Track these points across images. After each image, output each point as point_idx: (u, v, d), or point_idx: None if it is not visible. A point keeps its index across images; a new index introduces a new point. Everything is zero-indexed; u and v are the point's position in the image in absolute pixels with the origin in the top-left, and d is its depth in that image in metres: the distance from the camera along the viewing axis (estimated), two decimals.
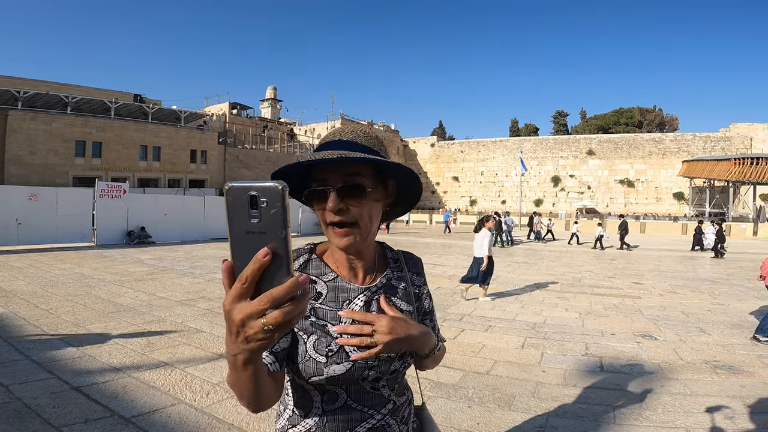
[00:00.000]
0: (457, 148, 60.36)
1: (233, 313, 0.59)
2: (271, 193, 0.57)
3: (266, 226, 0.57)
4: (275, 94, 62.08)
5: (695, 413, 3.50)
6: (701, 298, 8.35)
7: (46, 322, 5.63)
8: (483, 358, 4.77)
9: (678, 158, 47.75)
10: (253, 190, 0.57)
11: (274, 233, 0.57)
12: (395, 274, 1.08)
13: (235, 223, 0.58)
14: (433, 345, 1.02)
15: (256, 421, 3.22)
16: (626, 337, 5.68)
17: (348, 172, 0.93)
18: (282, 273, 0.58)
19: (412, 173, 1.02)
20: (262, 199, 0.57)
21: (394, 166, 0.98)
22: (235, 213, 0.57)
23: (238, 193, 0.57)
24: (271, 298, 0.56)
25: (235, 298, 0.58)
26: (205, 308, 6.65)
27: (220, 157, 40.21)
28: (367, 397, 0.97)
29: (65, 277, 8.99)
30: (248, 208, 0.57)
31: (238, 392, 0.77)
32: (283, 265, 0.58)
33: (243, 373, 0.69)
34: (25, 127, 28.66)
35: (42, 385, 3.70)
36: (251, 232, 0.57)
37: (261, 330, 0.58)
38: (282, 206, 0.57)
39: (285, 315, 0.57)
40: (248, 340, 0.60)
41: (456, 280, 9.86)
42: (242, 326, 0.59)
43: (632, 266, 13.40)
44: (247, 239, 0.58)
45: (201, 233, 18.45)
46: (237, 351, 0.64)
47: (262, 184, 0.57)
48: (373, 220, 0.98)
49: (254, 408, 0.81)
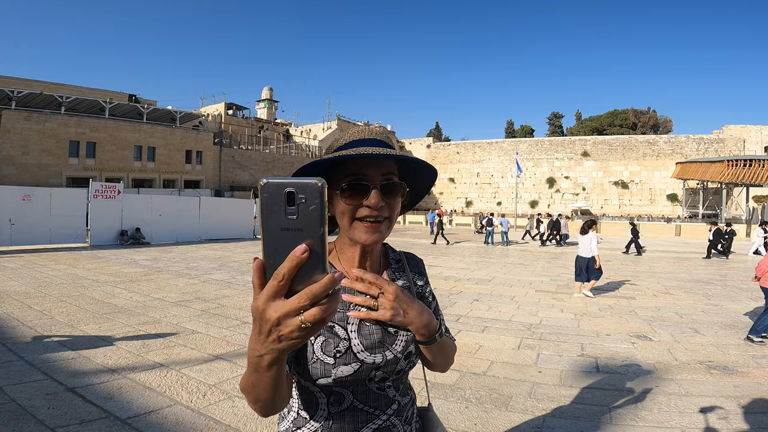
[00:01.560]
0: (453, 150, 60.48)
1: (268, 311, 0.58)
2: (310, 189, 0.56)
3: (304, 222, 0.57)
4: (271, 95, 61.97)
5: (690, 413, 3.52)
6: (695, 299, 8.40)
7: (40, 323, 5.59)
8: (480, 359, 4.78)
9: (672, 160, 48.06)
10: (290, 187, 0.56)
11: (312, 230, 0.57)
12: (398, 274, 1.09)
13: (270, 219, 0.57)
14: (434, 327, 0.97)
15: (252, 422, 3.21)
16: (621, 337, 5.71)
17: (387, 170, 0.95)
18: (318, 270, 0.57)
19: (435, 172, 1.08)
20: (300, 195, 0.56)
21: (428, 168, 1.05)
22: (271, 209, 0.57)
23: (275, 190, 0.57)
24: (311, 295, 0.56)
25: (269, 296, 0.57)
26: (200, 309, 6.63)
27: (216, 158, 40.10)
28: (373, 398, 0.97)
29: (59, 277, 8.93)
30: (285, 204, 0.56)
31: (254, 395, 0.76)
32: (320, 263, 0.57)
33: (266, 375, 0.69)
34: (19, 127, 28.48)
35: (36, 386, 3.67)
36: (287, 229, 0.57)
37: (298, 328, 0.58)
38: (321, 203, 0.56)
39: (323, 312, 0.57)
40: (281, 339, 0.60)
41: (452, 281, 9.89)
42: (277, 325, 0.58)
43: (627, 267, 13.47)
44: (282, 236, 0.57)
45: (196, 234, 18.37)
46: (265, 351, 0.63)
47: (300, 180, 0.57)
48: (396, 218, 1.00)
49: (267, 412, 0.81)
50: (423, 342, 0.96)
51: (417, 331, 0.94)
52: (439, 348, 1.01)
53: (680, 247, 20.78)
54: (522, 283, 9.94)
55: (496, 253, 17.28)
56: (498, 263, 13.77)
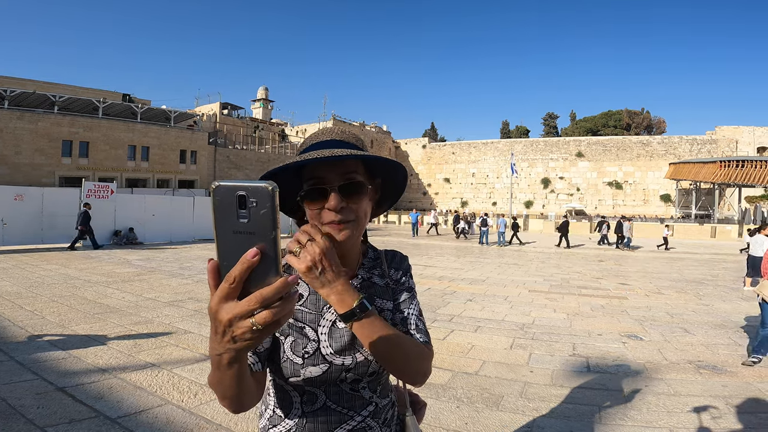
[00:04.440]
0: (449, 150, 60.60)
1: (220, 313, 0.58)
2: (260, 193, 0.56)
3: (255, 226, 0.56)
4: (267, 95, 61.86)
5: (678, 413, 3.55)
6: (686, 299, 8.47)
7: (31, 323, 5.56)
8: (472, 359, 4.80)
9: (665, 160, 48.38)
10: (241, 190, 0.56)
11: (264, 234, 0.57)
12: (376, 271, 1.08)
13: (223, 222, 0.57)
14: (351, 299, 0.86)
15: (244, 421, 3.21)
16: (612, 337, 5.74)
17: (346, 170, 0.93)
18: (271, 273, 0.57)
19: (404, 171, 1.04)
20: (251, 199, 0.56)
21: (387, 163, 0.99)
22: (223, 213, 0.56)
23: (226, 193, 0.56)
24: (261, 298, 0.56)
25: (222, 298, 0.57)
26: (193, 309, 6.61)
27: (210, 158, 39.96)
28: (347, 399, 0.97)
29: (51, 277, 8.88)
30: (237, 208, 0.56)
31: (221, 392, 0.76)
32: (273, 266, 0.57)
33: (227, 373, 0.69)
34: (11, 127, 28.27)
35: (26, 385, 3.65)
36: (239, 232, 0.57)
37: (249, 330, 0.58)
38: (272, 207, 0.56)
39: (274, 315, 0.57)
40: (235, 340, 0.60)
41: (446, 281, 9.91)
42: (229, 326, 0.58)
43: (619, 267, 13.55)
44: (234, 239, 0.57)
45: (190, 234, 18.31)
46: (222, 350, 0.63)
47: (251, 184, 0.56)
48: (366, 218, 0.98)
49: (235, 408, 0.81)
50: (340, 316, 0.87)
51: (331, 297, 0.85)
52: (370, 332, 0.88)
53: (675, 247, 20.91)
54: (515, 283, 9.98)
55: (491, 253, 17.33)
56: (492, 263, 13.81)
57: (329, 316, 0.97)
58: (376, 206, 1.10)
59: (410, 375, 0.99)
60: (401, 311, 1.05)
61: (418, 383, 1.01)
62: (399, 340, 0.93)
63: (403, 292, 1.07)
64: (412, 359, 0.96)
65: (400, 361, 0.94)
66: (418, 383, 1.01)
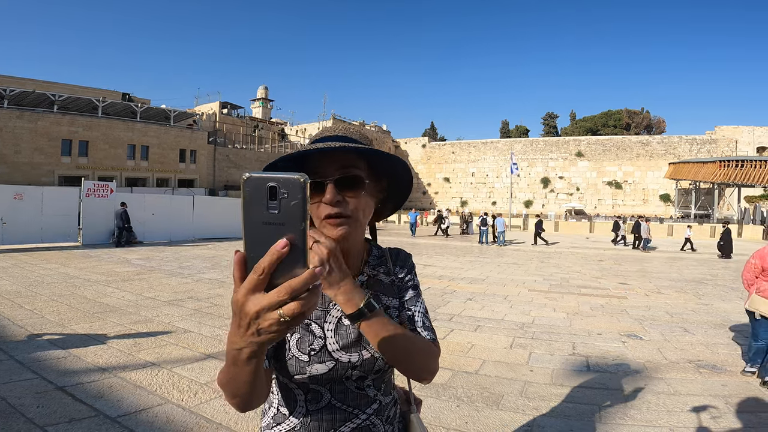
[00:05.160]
0: (449, 149, 60.61)
1: (247, 305, 0.58)
2: (292, 184, 0.56)
3: (285, 217, 0.57)
4: (266, 94, 61.88)
5: (678, 412, 3.55)
6: (686, 299, 8.47)
7: (31, 322, 5.56)
8: (472, 358, 4.80)
9: (665, 160, 48.42)
10: (273, 181, 0.56)
11: (293, 225, 0.57)
12: (381, 269, 1.07)
13: (252, 213, 0.57)
14: (359, 298, 0.87)
15: (244, 420, 3.21)
16: (612, 336, 5.75)
17: (345, 164, 0.92)
18: (299, 265, 0.57)
19: (407, 168, 1.02)
20: (282, 190, 0.56)
21: (392, 159, 0.98)
22: (253, 204, 0.57)
23: (257, 184, 0.56)
24: (291, 289, 0.56)
25: (249, 290, 0.57)
26: (193, 308, 6.61)
27: (210, 157, 39.94)
28: (352, 397, 0.96)
29: (50, 276, 8.87)
30: (267, 199, 0.56)
31: (232, 390, 0.76)
32: (301, 257, 0.57)
33: (244, 369, 0.68)
34: (11, 126, 28.26)
35: (26, 384, 3.65)
36: (269, 224, 0.57)
37: (277, 322, 0.58)
38: (303, 198, 0.57)
39: (302, 306, 0.57)
40: (260, 333, 0.60)
41: (446, 281, 9.91)
42: (256, 318, 0.58)
43: (619, 267, 13.56)
44: (263, 230, 0.57)
45: (189, 233, 18.28)
46: (244, 344, 0.63)
47: (283, 175, 0.57)
48: (366, 215, 0.97)
49: (244, 407, 0.80)
50: (348, 317, 0.89)
51: (339, 297, 0.87)
52: (378, 330, 0.89)
53: (675, 247, 20.92)
54: (515, 283, 9.98)
55: (491, 252, 17.34)
56: (492, 263, 13.82)
57: (335, 312, 0.96)
58: (381, 206, 1.09)
59: (418, 372, 1.00)
60: (408, 309, 1.06)
61: (426, 380, 1.02)
62: (407, 338, 0.95)
63: (408, 290, 1.08)
64: (420, 356, 0.98)
65: (408, 358, 0.95)
66: (426, 380, 1.02)
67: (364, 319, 0.88)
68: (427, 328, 1.05)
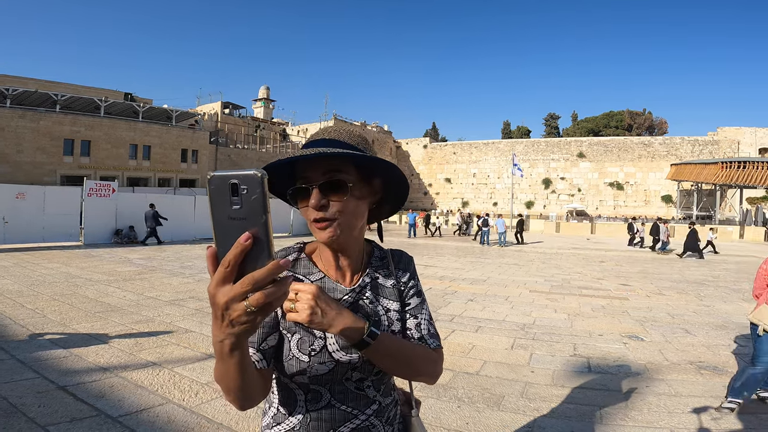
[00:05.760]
0: (450, 150, 60.56)
1: (217, 296, 0.60)
2: (251, 180, 0.59)
3: (247, 212, 0.60)
4: (268, 94, 61.90)
5: (679, 413, 3.55)
6: (687, 300, 8.46)
7: (32, 321, 5.57)
8: (473, 359, 4.80)
9: (666, 161, 48.31)
10: (233, 179, 0.59)
11: (255, 219, 0.60)
12: (382, 272, 1.08)
13: (218, 210, 0.60)
14: (359, 330, 0.89)
15: (245, 420, 3.21)
16: (613, 338, 5.74)
17: (329, 168, 0.93)
18: (264, 257, 0.60)
19: (395, 168, 1.01)
20: (242, 186, 0.59)
21: (374, 161, 0.97)
22: (218, 201, 0.60)
23: (220, 182, 0.60)
24: (253, 280, 0.59)
25: (218, 282, 0.60)
26: (194, 308, 6.62)
27: (212, 157, 39.97)
28: (351, 397, 0.97)
29: (52, 276, 8.89)
30: (230, 195, 0.59)
31: (226, 385, 0.78)
32: (265, 249, 0.60)
33: (230, 361, 0.71)
34: (13, 125, 28.28)
35: (28, 384, 3.66)
36: (233, 219, 0.60)
37: (244, 312, 0.60)
38: (261, 193, 0.59)
39: (267, 296, 0.59)
40: (233, 324, 0.62)
41: (447, 281, 9.91)
42: (226, 309, 0.61)
43: (620, 268, 13.54)
44: (229, 225, 0.60)
45: (191, 233, 18.32)
46: (223, 336, 0.65)
47: (242, 172, 0.59)
48: (357, 218, 0.98)
49: (241, 404, 0.82)
50: (352, 346, 0.91)
51: (340, 333, 0.88)
52: (384, 353, 0.93)
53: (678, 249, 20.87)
54: (516, 284, 9.97)
55: (492, 253, 17.33)
56: (493, 263, 13.81)
57: None
58: (378, 207, 1.09)
59: (421, 379, 1.06)
60: (414, 317, 1.08)
61: (430, 384, 1.08)
62: (409, 354, 1.00)
63: (413, 297, 1.10)
64: (423, 366, 1.03)
65: (410, 369, 1.02)
66: (430, 384, 1.08)
67: (367, 348, 0.91)
68: (432, 336, 1.08)
